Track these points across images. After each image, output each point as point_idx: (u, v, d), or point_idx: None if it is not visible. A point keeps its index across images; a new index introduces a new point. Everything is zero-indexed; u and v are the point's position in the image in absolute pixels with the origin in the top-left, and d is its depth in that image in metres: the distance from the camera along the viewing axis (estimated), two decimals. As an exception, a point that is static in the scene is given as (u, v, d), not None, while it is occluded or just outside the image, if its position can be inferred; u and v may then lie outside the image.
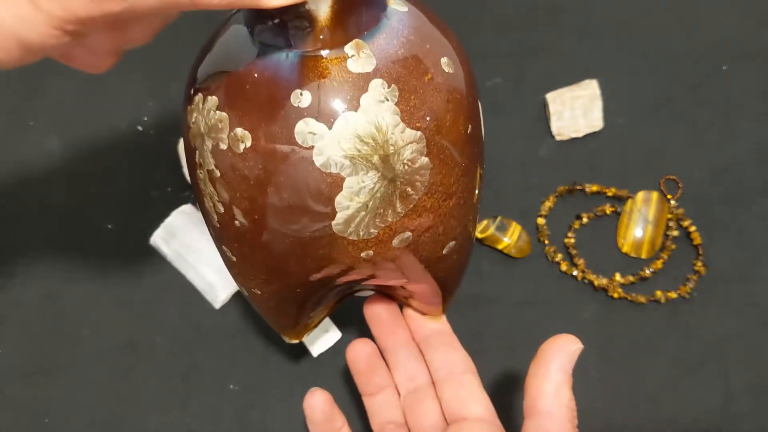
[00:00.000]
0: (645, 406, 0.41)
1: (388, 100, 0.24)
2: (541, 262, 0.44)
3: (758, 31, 0.48)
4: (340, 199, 0.25)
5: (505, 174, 0.45)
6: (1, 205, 0.47)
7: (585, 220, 0.44)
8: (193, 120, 0.27)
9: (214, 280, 0.43)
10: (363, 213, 0.25)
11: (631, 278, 0.43)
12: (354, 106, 0.24)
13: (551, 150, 0.46)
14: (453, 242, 0.29)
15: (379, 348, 0.36)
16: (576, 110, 0.46)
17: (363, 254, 0.27)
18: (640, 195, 0.44)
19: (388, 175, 0.25)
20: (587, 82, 0.46)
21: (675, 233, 0.44)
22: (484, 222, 0.44)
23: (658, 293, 0.42)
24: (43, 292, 0.44)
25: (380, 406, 0.36)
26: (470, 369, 0.35)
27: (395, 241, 0.27)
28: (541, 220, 0.44)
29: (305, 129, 0.24)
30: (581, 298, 0.43)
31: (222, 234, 0.29)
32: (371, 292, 0.36)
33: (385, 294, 0.36)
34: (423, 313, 0.36)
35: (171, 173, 0.46)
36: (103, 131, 0.48)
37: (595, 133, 0.46)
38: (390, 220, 0.26)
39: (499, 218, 0.44)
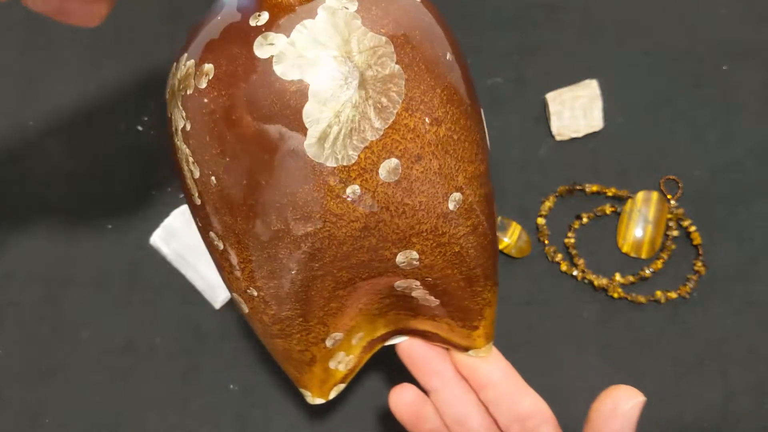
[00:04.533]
0: (645, 406, 0.41)
1: (347, 8, 0.24)
2: (541, 262, 0.44)
3: (758, 31, 0.48)
4: (309, 110, 0.24)
5: (505, 174, 0.45)
6: (1, 205, 0.46)
7: (585, 220, 0.44)
8: (168, 89, 0.27)
9: (214, 280, 0.43)
10: (336, 127, 0.24)
11: (631, 278, 0.43)
12: (312, 15, 0.24)
13: (551, 150, 0.46)
14: (458, 194, 0.27)
15: (423, 391, 0.32)
16: (576, 110, 0.46)
17: (348, 190, 0.25)
18: (640, 195, 0.44)
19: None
20: (587, 82, 0.46)
21: (675, 233, 0.44)
22: (484, 222, 0.44)
23: (658, 293, 0.42)
24: (43, 293, 0.44)
25: None
26: (542, 419, 0.30)
27: (382, 172, 0.25)
28: (541, 220, 0.44)
29: (263, 42, 0.24)
30: (581, 298, 0.43)
31: (205, 210, 0.27)
32: (404, 338, 0.33)
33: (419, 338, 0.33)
34: (465, 348, 0.31)
35: (171, 173, 0.46)
36: (103, 131, 0.48)
37: (595, 133, 0.46)
38: (369, 137, 0.24)
39: (499, 218, 0.44)
